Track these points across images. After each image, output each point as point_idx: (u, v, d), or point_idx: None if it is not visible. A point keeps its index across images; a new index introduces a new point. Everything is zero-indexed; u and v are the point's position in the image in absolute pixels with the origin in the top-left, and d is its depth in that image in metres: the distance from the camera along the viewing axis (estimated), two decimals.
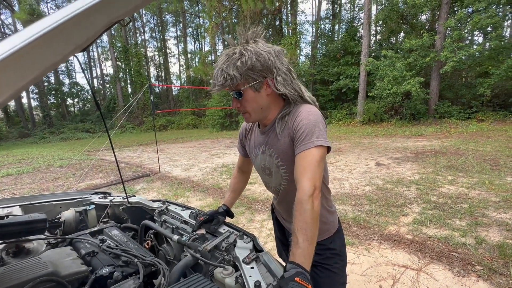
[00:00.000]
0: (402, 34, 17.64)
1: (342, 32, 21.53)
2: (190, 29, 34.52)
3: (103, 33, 0.53)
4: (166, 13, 32.18)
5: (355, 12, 22.45)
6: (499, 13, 10.98)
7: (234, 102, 0.93)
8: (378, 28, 19.77)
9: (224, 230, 1.06)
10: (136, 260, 0.87)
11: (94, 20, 0.38)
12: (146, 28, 34.92)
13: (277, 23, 19.80)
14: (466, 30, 11.63)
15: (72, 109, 35.56)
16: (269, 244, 2.67)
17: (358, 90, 14.59)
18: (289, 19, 19.13)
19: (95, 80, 37.82)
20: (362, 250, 2.48)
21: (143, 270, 0.84)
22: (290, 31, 17.98)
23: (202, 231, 1.06)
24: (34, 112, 26.61)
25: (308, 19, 43.59)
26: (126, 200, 1.42)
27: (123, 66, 27.56)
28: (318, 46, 21.63)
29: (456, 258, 2.24)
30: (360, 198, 3.81)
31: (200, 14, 30.49)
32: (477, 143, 7.26)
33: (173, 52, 42.31)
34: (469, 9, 11.44)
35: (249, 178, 1.38)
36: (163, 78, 36.34)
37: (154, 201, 1.43)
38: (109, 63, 35.51)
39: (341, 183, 4.57)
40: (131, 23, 26.93)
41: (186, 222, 1.19)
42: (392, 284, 2.00)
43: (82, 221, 1.33)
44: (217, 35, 18.19)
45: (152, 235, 1.22)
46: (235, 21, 20.22)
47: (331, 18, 23.64)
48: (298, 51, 18.10)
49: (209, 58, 25.64)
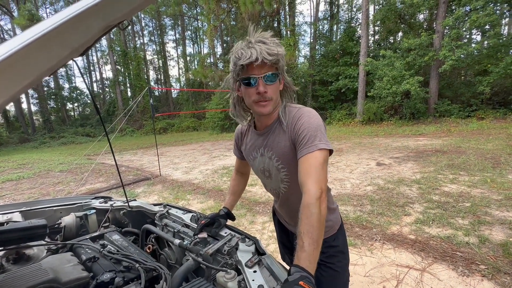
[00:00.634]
0: (400, 34, 17.66)
1: (340, 33, 21.59)
2: (189, 32, 34.72)
3: (102, 38, 0.53)
4: (165, 17, 32.30)
5: (353, 12, 22.52)
6: (497, 11, 11.02)
7: (261, 85, 0.85)
8: (376, 28, 19.78)
9: (225, 233, 1.05)
10: (137, 265, 0.87)
11: (90, 23, 0.38)
12: (145, 32, 35.14)
13: (275, 25, 19.84)
14: (464, 29, 11.67)
15: (72, 113, 35.68)
16: (271, 247, 2.65)
17: (358, 90, 14.62)
18: (287, 20, 19.22)
19: (94, 84, 38.05)
20: (365, 251, 2.46)
21: (145, 275, 0.83)
22: (289, 32, 18.05)
23: (204, 235, 1.05)
24: (34, 117, 26.65)
25: (306, 20, 43.70)
26: (126, 204, 1.41)
27: (122, 70, 27.58)
28: (316, 47, 21.67)
29: (459, 257, 2.23)
30: (361, 198, 3.79)
31: (198, 17, 30.58)
32: (477, 141, 7.25)
33: (172, 55, 42.28)
34: (467, 8, 11.47)
35: (248, 180, 1.37)
36: (163, 81, 36.46)
37: (155, 204, 1.42)
38: (108, 67, 35.61)
39: (342, 184, 4.56)
40: (129, 27, 27.00)
41: (187, 226, 1.18)
42: (396, 285, 1.98)
43: (83, 226, 1.33)
44: (215, 38, 18.23)
45: (153, 239, 1.21)
46: (234, 23, 20.30)
47: (329, 19, 23.69)
48: (296, 52, 18.13)
49: (208, 61, 25.72)
